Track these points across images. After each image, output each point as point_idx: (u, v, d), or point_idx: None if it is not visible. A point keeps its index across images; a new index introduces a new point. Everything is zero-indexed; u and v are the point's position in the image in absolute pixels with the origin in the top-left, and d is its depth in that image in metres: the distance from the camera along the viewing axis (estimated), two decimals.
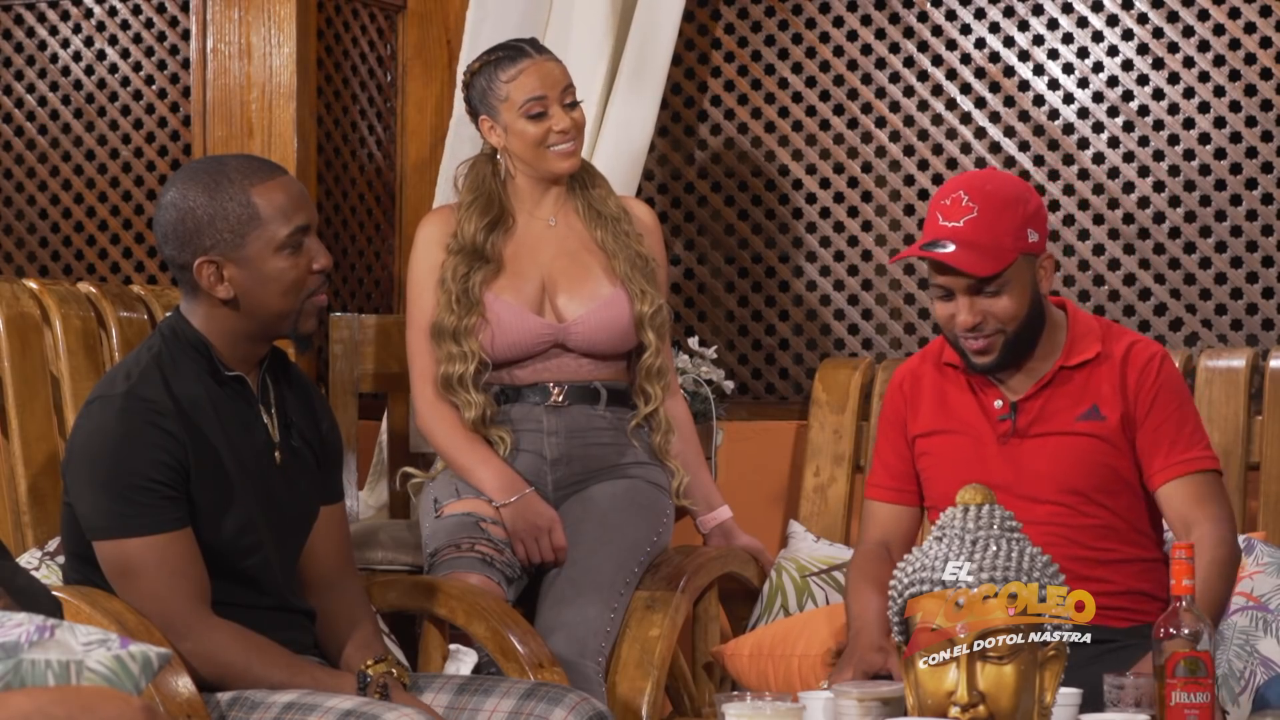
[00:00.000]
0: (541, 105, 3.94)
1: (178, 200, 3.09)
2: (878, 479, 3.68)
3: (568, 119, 3.95)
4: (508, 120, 3.96)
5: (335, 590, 3.26)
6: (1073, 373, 3.52)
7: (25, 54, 4.93)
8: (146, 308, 3.87)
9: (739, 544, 4.14)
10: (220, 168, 3.11)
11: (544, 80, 3.96)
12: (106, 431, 3.04)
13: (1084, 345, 3.52)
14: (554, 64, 4.00)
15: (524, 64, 3.96)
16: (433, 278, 3.97)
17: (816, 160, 4.80)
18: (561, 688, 3.20)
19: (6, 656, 2.26)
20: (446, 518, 3.87)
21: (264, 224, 3.07)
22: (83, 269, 4.89)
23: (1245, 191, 4.52)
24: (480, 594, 3.64)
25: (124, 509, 3.01)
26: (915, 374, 3.65)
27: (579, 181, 4.06)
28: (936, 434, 3.58)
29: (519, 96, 3.94)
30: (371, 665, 3.14)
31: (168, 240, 3.11)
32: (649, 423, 4.03)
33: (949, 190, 3.48)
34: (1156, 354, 3.53)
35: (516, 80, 3.95)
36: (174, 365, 3.09)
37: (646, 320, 3.98)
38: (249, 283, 3.09)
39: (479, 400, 3.92)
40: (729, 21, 4.86)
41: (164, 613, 3.02)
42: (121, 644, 2.32)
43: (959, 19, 4.69)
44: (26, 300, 3.67)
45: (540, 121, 3.94)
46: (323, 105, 4.67)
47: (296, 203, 3.11)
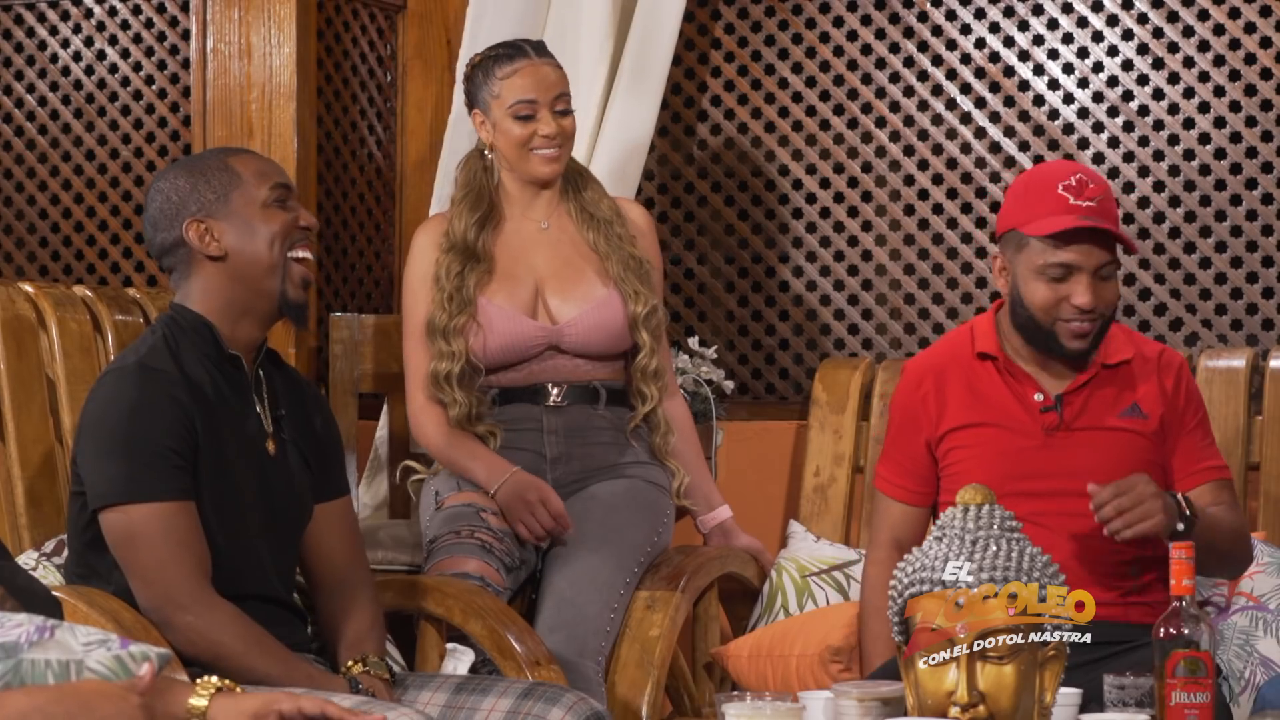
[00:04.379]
0: (530, 108, 3.95)
1: (159, 185, 3.20)
2: (889, 474, 3.67)
3: (555, 125, 3.96)
4: (497, 118, 3.97)
5: (342, 588, 3.26)
6: (1113, 371, 3.55)
7: (25, 54, 4.93)
8: (142, 311, 3.87)
9: (739, 544, 4.14)
10: (195, 155, 3.30)
11: (537, 83, 3.96)
12: (122, 399, 3.08)
13: (1116, 346, 3.55)
14: (551, 68, 4.00)
15: (520, 64, 3.97)
16: (427, 281, 3.98)
17: (816, 160, 4.80)
18: (559, 687, 3.20)
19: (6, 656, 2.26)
20: (447, 508, 3.88)
21: (244, 183, 3.18)
22: (82, 269, 4.89)
23: (1245, 191, 4.52)
24: (477, 593, 3.64)
25: (135, 473, 3.03)
26: (938, 369, 3.62)
27: (572, 184, 4.06)
28: (972, 427, 3.56)
29: (510, 96, 3.95)
30: (353, 667, 3.15)
31: (157, 227, 3.19)
32: (648, 423, 4.03)
33: (1062, 172, 3.49)
34: (1185, 363, 3.62)
35: (510, 79, 3.96)
36: (179, 347, 3.14)
37: (640, 321, 3.98)
38: (238, 237, 3.16)
39: (463, 399, 3.93)
40: (729, 21, 4.86)
41: (166, 583, 3.02)
42: (121, 644, 2.32)
43: (959, 19, 4.69)
44: (22, 303, 3.68)
45: (527, 124, 3.95)
46: (323, 105, 4.67)
47: (272, 168, 3.24)
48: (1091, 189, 3.46)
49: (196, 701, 2.54)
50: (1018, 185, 3.57)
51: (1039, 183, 3.51)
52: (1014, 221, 3.50)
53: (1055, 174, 3.50)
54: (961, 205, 4.70)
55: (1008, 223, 3.52)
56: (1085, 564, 3.46)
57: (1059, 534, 3.45)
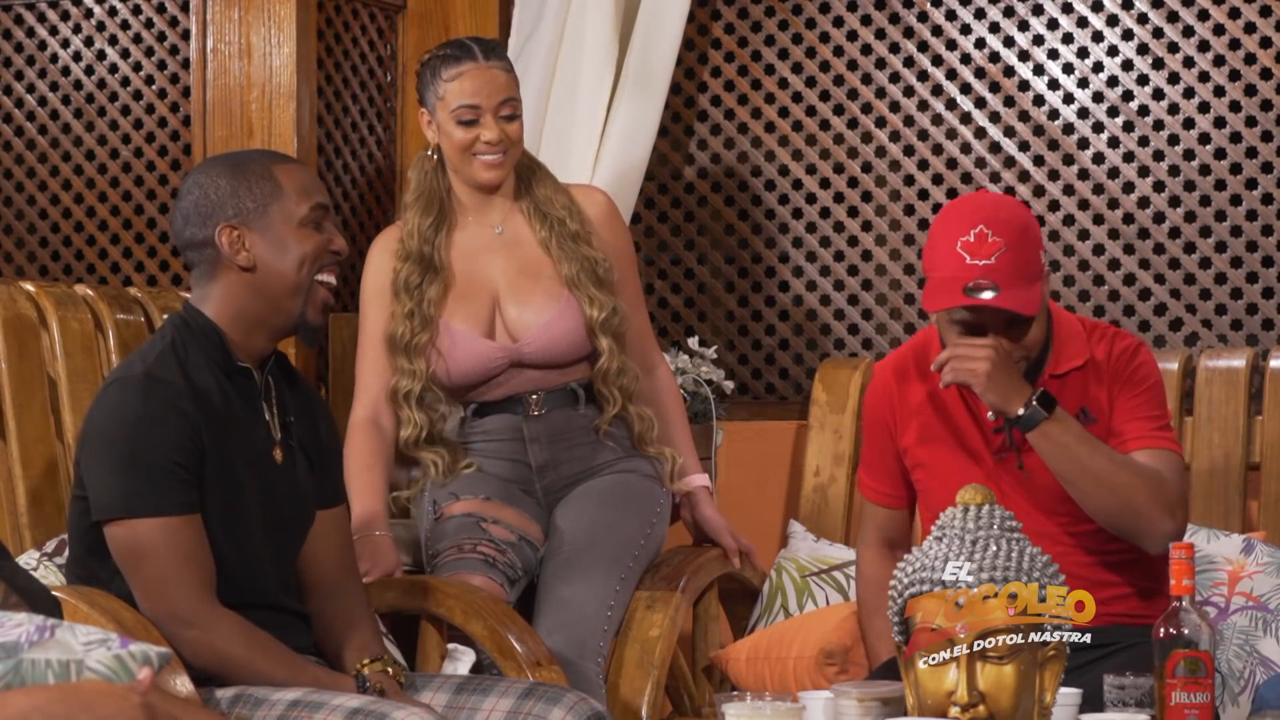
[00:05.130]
0: (474, 113, 3.86)
1: (199, 180, 3.15)
2: (868, 479, 3.64)
3: (498, 130, 3.87)
4: (441, 120, 3.90)
5: (336, 593, 3.26)
6: (1061, 381, 3.43)
7: (25, 54, 4.93)
8: (144, 310, 3.87)
9: (702, 515, 4.05)
10: (240, 154, 3.23)
11: (482, 87, 3.87)
12: (127, 411, 3.04)
13: (1070, 351, 3.44)
14: (499, 71, 3.90)
15: (466, 67, 3.88)
16: (384, 293, 3.92)
17: (816, 160, 4.80)
18: (560, 688, 3.20)
19: (7, 656, 2.26)
20: (446, 519, 3.87)
21: (285, 197, 3.14)
22: (83, 269, 4.89)
23: (1245, 191, 4.52)
24: (478, 593, 3.64)
25: (139, 488, 3.01)
26: (901, 375, 3.55)
27: (524, 182, 3.99)
28: (929, 444, 3.50)
29: (454, 99, 3.87)
30: (367, 665, 3.14)
31: (189, 221, 3.14)
32: (623, 421, 3.97)
33: (964, 222, 3.29)
34: (1133, 344, 3.46)
35: (454, 82, 3.87)
36: (186, 354, 3.11)
37: (597, 326, 3.90)
38: (268, 252, 3.12)
39: (420, 419, 3.87)
40: (729, 21, 4.86)
41: (171, 599, 3.01)
42: (122, 644, 2.32)
43: (959, 19, 4.69)
44: (24, 302, 3.68)
45: (470, 128, 3.87)
46: (323, 105, 4.66)
47: (315, 184, 3.19)
48: (993, 243, 3.26)
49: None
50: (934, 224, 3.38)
51: (944, 229, 3.33)
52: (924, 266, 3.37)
53: (956, 221, 3.30)
54: None
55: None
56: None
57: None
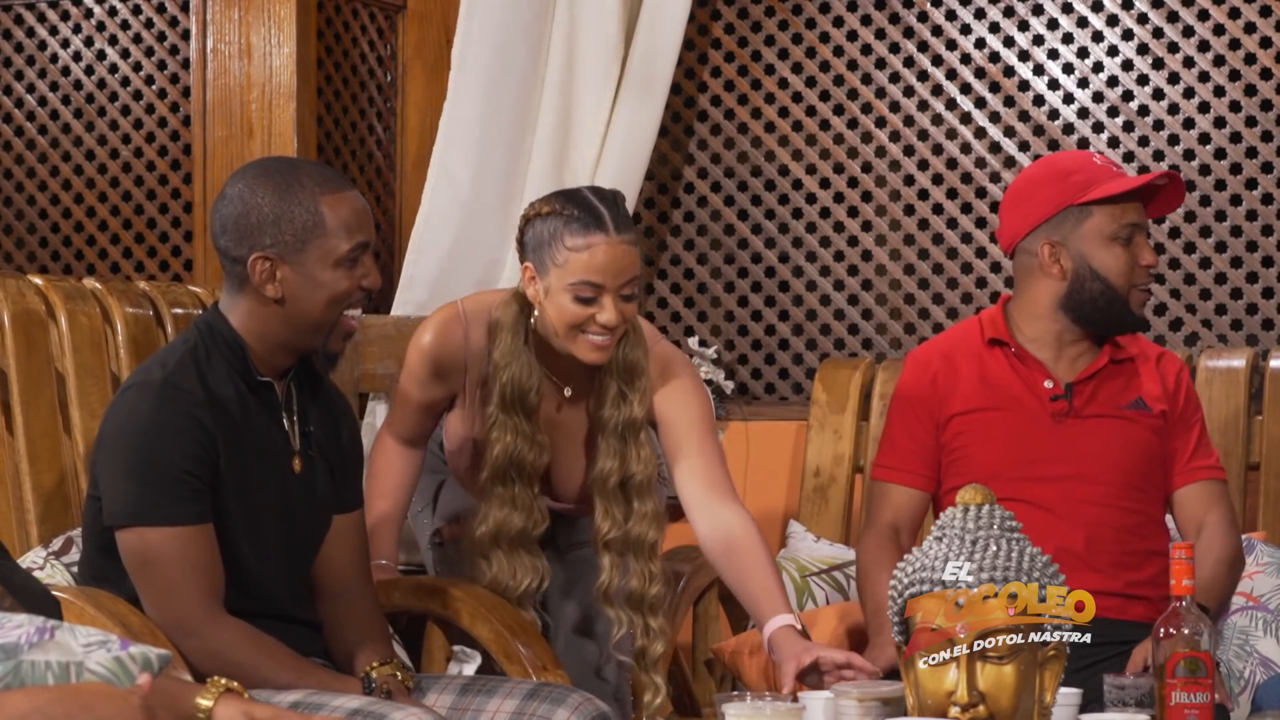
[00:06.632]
0: (595, 291, 3.41)
1: (245, 194, 3.07)
2: (887, 460, 3.65)
3: (616, 313, 3.42)
4: (553, 285, 3.43)
5: (348, 598, 3.25)
6: (1119, 366, 3.59)
7: (25, 54, 4.93)
8: (153, 304, 3.86)
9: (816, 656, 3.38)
10: (293, 170, 3.09)
11: (610, 265, 3.40)
12: (142, 418, 3.02)
13: (1124, 341, 3.61)
14: (628, 247, 3.42)
15: (596, 239, 3.40)
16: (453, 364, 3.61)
17: (816, 160, 4.80)
18: (564, 688, 3.20)
19: (6, 658, 2.25)
20: (450, 544, 3.85)
21: (327, 235, 3.06)
22: (83, 269, 4.89)
23: (1245, 191, 4.52)
24: (484, 595, 3.63)
25: (152, 497, 3.00)
26: (946, 354, 3.64)
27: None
28: (981, 411, 3.58)
29: (575, 273, 3.40)
30: (376, 667, 3.14)
31: (226, 231, 3.08)
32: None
33: (1083, 153, 3.67)
34: (1185, 366, 3.67)
35: (581, 254, 3.40)
36: (208, 361, 3.08)
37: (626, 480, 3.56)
38: (299, 287, 3.07)
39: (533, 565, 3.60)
40: (729, 21, 4.86)
41: (177, 608, 3.01)
42: (122, 645, 2.32)
43: (959, 19, 4.69)
44: (32, 296, 3.66)
45: (586, 306, 3.42)
46: (323, 105, 4.67)
47: (361, 219, 3.09)
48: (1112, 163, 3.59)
49: (203, 701, 2.53)
50: (1043, 173, 3.60)
51: (1070, 164, 3.59)
52: (1066, 198, 3.53)
53: (1079, 155, 3.62)
54: (961, 205, 4.70)
55: (1056, 203, 3.54)
56: (1091, 550, 3.47)
57: (1066, 519, 3.48)
